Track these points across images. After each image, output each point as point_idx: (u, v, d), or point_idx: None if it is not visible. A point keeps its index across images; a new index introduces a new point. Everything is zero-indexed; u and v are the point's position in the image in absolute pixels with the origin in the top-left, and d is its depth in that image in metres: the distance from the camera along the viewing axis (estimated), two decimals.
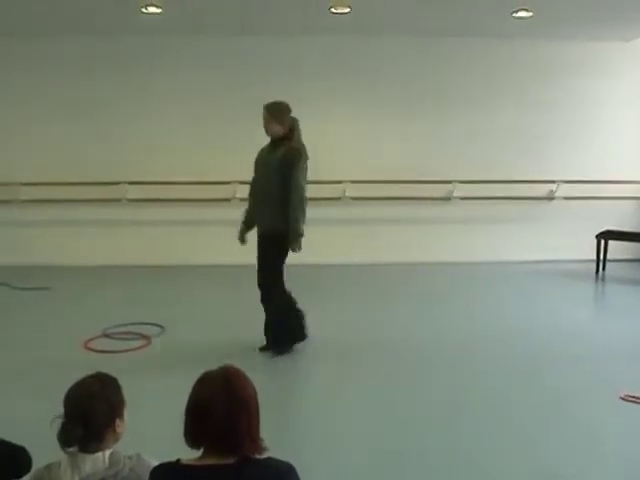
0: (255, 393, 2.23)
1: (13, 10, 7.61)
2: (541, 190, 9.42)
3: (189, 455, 2.17)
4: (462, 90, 9.27)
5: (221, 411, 2.11)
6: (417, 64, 9.22)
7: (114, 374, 2.53)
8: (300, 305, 5.66)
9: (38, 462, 2.53)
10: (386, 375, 5.13)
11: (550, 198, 9.42)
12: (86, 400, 2.35)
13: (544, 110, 9.35)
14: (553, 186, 9.36)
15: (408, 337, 6.11)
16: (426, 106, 9.26)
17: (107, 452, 2.31)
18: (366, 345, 5.86)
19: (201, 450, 2.17)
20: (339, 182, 9.10)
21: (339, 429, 4.18)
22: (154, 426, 3.70)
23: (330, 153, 9.12)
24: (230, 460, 2.11)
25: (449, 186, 9.23)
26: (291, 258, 5.60)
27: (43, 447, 2.61)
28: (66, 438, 2.24)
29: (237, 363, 2.29)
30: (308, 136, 8.56)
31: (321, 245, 9.14)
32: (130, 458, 2.34)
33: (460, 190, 9.20)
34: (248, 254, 8.66)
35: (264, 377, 2.35)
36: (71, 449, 2.30)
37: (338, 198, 9.14)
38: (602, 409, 4.47)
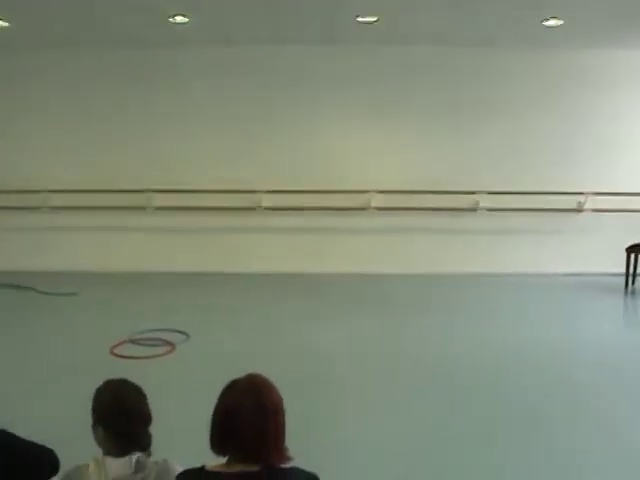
0: (281, 402, 2.21)
1: (45, 22, 7.70)
2: (570, 202, 9.30)
3: (214, 462, 2.16)
4: (491, 100, 9.18)
5: (248, 419, 2.10)
6: (446, 75, 9.16)
7: (139, 380, 2.53)
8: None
9: (65, 464, 2.54)
10: (418, 390, 5.10)
11: (579, 210, 9.31)
12: (133, 403, 2.38)
13: (575, 121, 9.24)
14: (582, 198, 9.25)
15: (442, 350, 6.02)
16: (454, 116, 9.20)
17: (134, 457, 2.31)
18: (399, 358, 5.81)
19: (226, 457, 2.16)
20: (365, 192, 9.08)
21: (370, 443, 4.15)
22: (179, 432, 3.68)
23: (357, 163, 9.14)
24: (255, 468, 2.10)
25: (475, 197, 9.15)
26: (316, 266, 5.56)
27: (69, 449, 2.63)
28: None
29: (263, 373, 2.27)
30: (334, 145, 8.65)
31: (347, 254, 9.18)
32: (156, 463, 2.34)
33: (487, 201, 9.13)
34: (275, 262, 8.69)
35: (289, 390, 2.32)
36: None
37: (364, 208, 9.11)
38: None
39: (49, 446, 2.60)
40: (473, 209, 9.19)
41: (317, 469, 2.21)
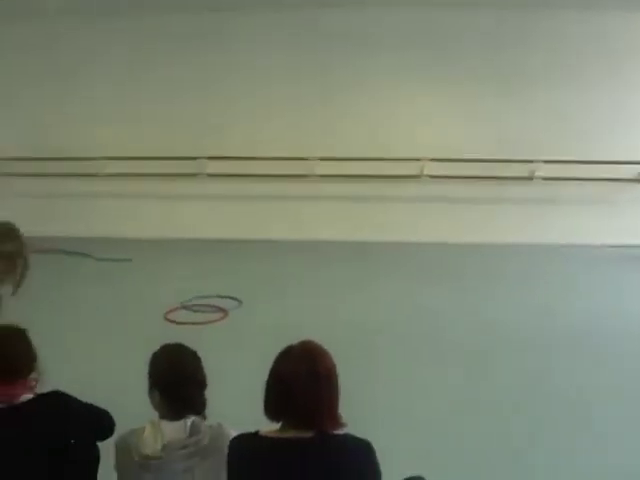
0: (335, 368, 2.23)
1: None
2: (629, 171, 9.02)
3: (267, 427, 2.18)
4: (547, 65, 8.92)
5: (302, 385, 2.11)
6: (497, 38, 8.91)
7: (192, 345, 2.57)
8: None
9: (119, 427, 2.61)
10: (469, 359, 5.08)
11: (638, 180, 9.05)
12: (189, 367, 2.43)
13: (636, 87, 8.95)
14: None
15: (503, 322, 5.96)
16: (509, 81, 8.95)
17: (189, 420, 2.35)
18: (451, 326, 5.81)
19: (280, 423, 2.19)
20: (417, 160, 8.97)
21: (419, 411, 4.16)
22: (233, 397, 3.73)
23: (409, 130, 9.01)
24: (308, 434, 2.12)
25: (531, 165, 8.94)
26: (366, 234, 5.49)
27: (123, 412, 2.69)
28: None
29: (315, 340, 2.28)
30: (387, 111, 8.50)
31: (398, 222, 9.11)
32: (211, 427, 2.38)
33: (543, 170, 8.92)
34: (333, 229, 8.62)
35: (340, 358, 2.33)
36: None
37: (417, 176, 9.01)
38: None
39: (104, 409, 2.67)
40: (529, 177, 8.98)
41: (369, 436, 2.22)
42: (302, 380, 2.12)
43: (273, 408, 2.18)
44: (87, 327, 5.71)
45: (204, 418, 2.43)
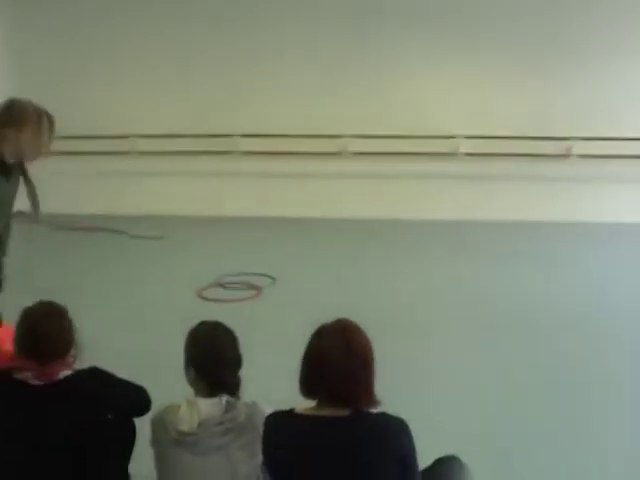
0: (370, 345, 2.21)
1: None
2: None
3: (303, 405, 2.18)
4: (583, 36, 8.69)
5: (338, 363, 2.10)
6: (532, 7, 8.66)
7: (226, 322, 2.57)
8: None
9: (155, 403, 2.62)
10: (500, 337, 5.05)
11: None
12: (225, 347, 2.44)
13: None
14: None
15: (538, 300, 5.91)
16: (548, 54, 8.77)
17: (224, 397, 2.36)
18: (481, 305, 5.77)
19: (315, 401, 2.18)
20: (452, 137, 8.88)
21: (453, 389, 4.15)
22: (267, 375, 3.74)
23: (442, 105, 8.90)
24: (344, 412, 2.11)
25: (567, 143, 8.79)
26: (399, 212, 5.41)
27: (157, 387, 2.71)
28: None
29: (349, 317, 2.27)
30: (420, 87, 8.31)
31: (433, 201, 9.05)
32: (246, 405, 2.39)
33: (580, 147, 8.76)
34: (366, 207, 8.56)
35: (379, 336, 2.31)
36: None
37: (453, 154, 8.92)
38: None
39: (140, 385, 2.69)
40: (566, 155, 8.83)
41: (406, 415, 2.21)
42: (337, 358, 2.11)
43: (308, 386, 2.18)
44: (120, 304, 5.77)
45: (238, 398, 2.43)
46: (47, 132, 3.40)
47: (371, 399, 2.17)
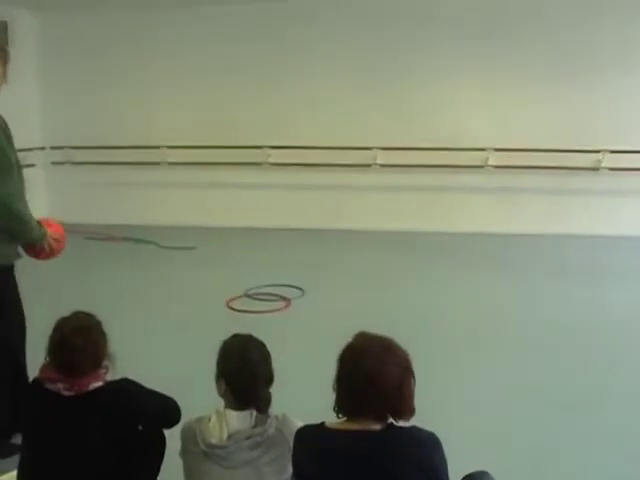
0: (410, 361, 2.19)
1: None
2: None
3: (334, 419, 2.16)
4: (614, 49, 8.61)
5: (387, 385, 2.09)
6: (562, 20, 8.60)
7: (255, 334, 2.56)
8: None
9: (184, 414, 2.62)
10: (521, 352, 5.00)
11: None
12: (257, 362, 2.42)
13: None
14: None
15: (565, 315, 5.83)
16: (566, 68, 8.69)
17: (254, 412, 2.35)
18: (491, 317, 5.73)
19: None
20: (482, 150, 8.82)
21: (484, 401, 4.11)
22: (296, 388, 3.73)
23: (468, 119, 8.86)
24: (376, 426, 2.09)
25: (597, 155, 8.68)
26: (428, 224, 5.40)
27: (187, 399, 2.71)
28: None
29: (377, 330, 2.25)
30: (448, 100, 8.30)
31: (461, 213, 9.01)
32: (276, 418, 2.37)
33: (610, 160, 8.64)
34: (394, 219, 8.54)
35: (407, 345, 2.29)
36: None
37: (481, 166, 8.86)
38: None
39: (170, 396, 2.69)
40: (595, 168, 8.73)
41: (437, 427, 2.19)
42: (384, 379, 2.08)
43: (351, 407, 2.15)
44: (149, 314, 5.80)
45: (267, 415, 2.40)
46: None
47: (410, 413, 2.15)
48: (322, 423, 2.17)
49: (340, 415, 2.16)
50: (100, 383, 2.46)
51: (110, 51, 9.44)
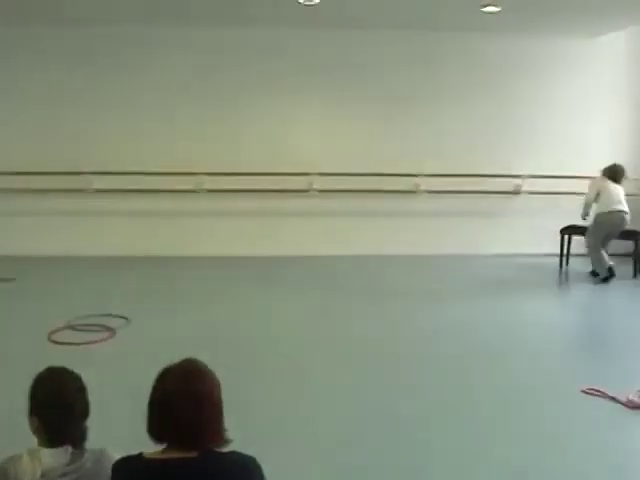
0: (217, 385, 2.22)
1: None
2: (508, 185, 9.47)
3: (153, 449, 2.16)
4: (429, 85, 9.31)
5: (181, 405, 2.10)
6: (385, 60, 9.25)
7: (77, 366, 2.50)
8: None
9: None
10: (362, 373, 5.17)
11: (516, 192, 9.50)
12: (71, 395, 2.35)
13: (513, 106, 9.45)
14: (519, 181, 9.44)
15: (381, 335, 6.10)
16: (394, 102, 9.27)
17: (69, 448, 2.29)
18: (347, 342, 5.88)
19: (164, 445, 2.17)
20: (306, 174, 9.10)
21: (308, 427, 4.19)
22: (118, 420, 3.67)
23: (299, 146, 9.15)
24: (193, 453, 2.11)
25: (417, 179, 9.25)
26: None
27: (4, 436, 2.59)
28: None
29: (203, 357, 2.27)
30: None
31: (290, 237, 9.22)
32: (93, 452, 2.33)
33: (427, 184, 9.24)
34: (234, 244, 8.53)
35: (228, 374, 2.33)
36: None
37: (306, 190, 9.14)
38: (564, 403, 4.52)
39: None
40: (414, 191, 9.29)
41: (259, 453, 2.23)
42: (181, 403, 2.10)
43: (155, 429, 2.16)
44: None
45: (83, 450, 2.34)
46: None
47: (218, 438, 2.17)
48: (140, 454, 2.16)
49: (151, 439, 2.16)
50: None
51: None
